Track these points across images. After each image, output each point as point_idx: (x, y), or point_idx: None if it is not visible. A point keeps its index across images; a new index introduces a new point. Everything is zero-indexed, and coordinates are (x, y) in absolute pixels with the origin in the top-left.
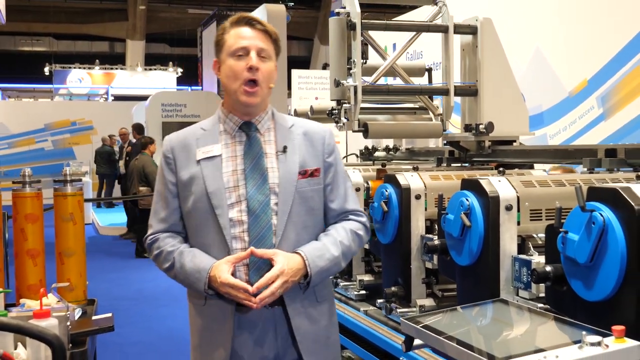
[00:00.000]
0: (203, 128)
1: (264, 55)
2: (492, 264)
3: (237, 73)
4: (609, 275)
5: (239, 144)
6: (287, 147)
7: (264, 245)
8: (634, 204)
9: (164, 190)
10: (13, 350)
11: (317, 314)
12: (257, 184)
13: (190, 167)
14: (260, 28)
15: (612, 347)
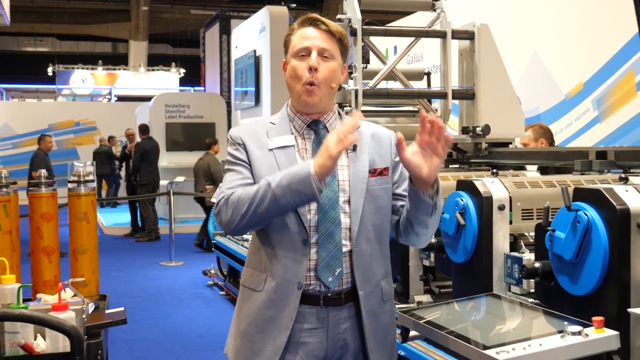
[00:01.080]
0: (272, 122)
1: (326, 55)
2: (485, 261)
3: (299, 74)
4: (592, 271)
5: (308, 141)
6: (356, 146)
7: (333, 241)
8: (615, 204)
9: (236, 166)
10: (33, 341)
11: (381, 312)
12: (326, 179)
13: (263, 154)
14: (324, 28)
15: (591, 336)
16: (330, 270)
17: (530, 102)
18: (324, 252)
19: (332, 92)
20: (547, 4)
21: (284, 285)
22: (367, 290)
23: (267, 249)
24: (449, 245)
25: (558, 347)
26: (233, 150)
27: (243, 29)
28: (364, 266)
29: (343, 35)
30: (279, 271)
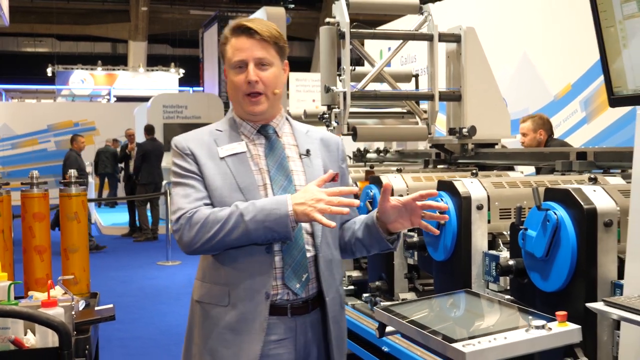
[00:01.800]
0: (219, 129)
1: (263, 64)
2: (464, 259)
3: (238, 86)
4: (561, 268)
5: (259, 146)
6: (310, 151)
7: (297, 247)
8: (583, 204)
9: (188, 180)
10: (23, 336)
11: (340, 319)
12: (283, 185)
13: (214, 164)
14: (258, 38)
15: (555, 330)
16: (297, 277)
17: (519, 103)
18: (289, 259)
19: (277, 97)
20: (536, 7)
21: (252, 297)
22: (331, 296)
23: (227, 261)
24: (430, 244)
25: (522, 340)
26: (181, 161)
27: None
28: (328, 271)
29: (278, 38)
30: (245, 283)
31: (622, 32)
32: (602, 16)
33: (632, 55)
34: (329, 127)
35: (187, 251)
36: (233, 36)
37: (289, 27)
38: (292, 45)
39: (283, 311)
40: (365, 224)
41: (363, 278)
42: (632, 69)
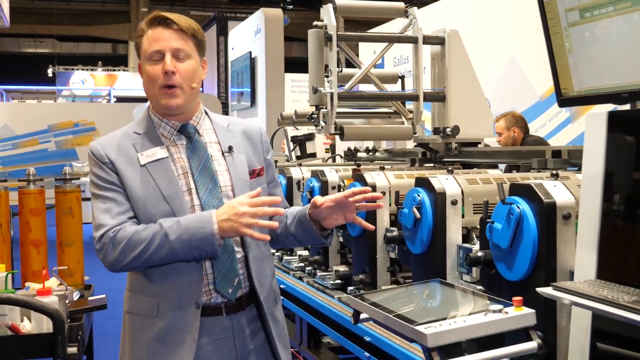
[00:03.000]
0: (137, 132)
1: (181, 56)
2: (440, 252)
3: (154, 78)
4: (524, 258)
5: (180, 147)
6: (232, 147)
7: (226, 251)
8: (544, 198)
9: (108, 193)
10: (19, 323)
11: (276, 312)
12: (208, 188)
13: (135, 172)
14: (175, 28)
15: (511, 313)
16: (229, 282)
17: (507, 103)
18: (219, 265)
19: (195, 92)
20: (523, 10)
21: (182, 307)
22: (265, 295)
23: (156, 272)
24: (408, 238)
25: (480, 323)
26: (99, 171)
27: (239, 30)
28: (259, 270)
29: (196, 31)
30: (174, 293)
31: (567, 39)
32: (550, 23)
33: (577, 60)
34: (317, 126)
35: (112, 269)
36: (149, 28)
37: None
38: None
39: (218, 311)
40: (298, 219)
41: (349, 272)
42: (576, 72)
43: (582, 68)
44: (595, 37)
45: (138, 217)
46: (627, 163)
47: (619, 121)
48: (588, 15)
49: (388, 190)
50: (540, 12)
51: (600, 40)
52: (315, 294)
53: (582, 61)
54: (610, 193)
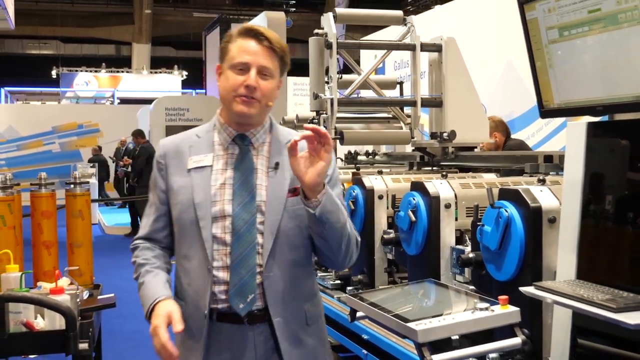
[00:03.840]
0: (198, 135)
1: (265, 74)
2: (434, 253)
3: (234, 86)
4: (512, 259)
5: (230, 157)
6: (279, 164)
7: (247, 266)
8: (530, 202)
9: (153, 196)
10: (33, 320)
11: (305, 336)
12: (243, 201)
13: (181, 175)
14: (266, 45)
15: (496, 311)
16: (242, 297)
17: (504, 108)
18: (235, 278)
19: (267, 109)
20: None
21: (197, 314)
22: (286, 316)
23: (182, 276)
24: (404, 240)
25: (467, 320)
26: (156, 169)
27: None
28: (281, 291)
29: (285, 52)
30: (190, 299)
31: (547, 54)
32: (532, 39)
33: (556, 75)
34: None
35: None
36: (240, 37)
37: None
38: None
39: (240, 320)
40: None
41: (348, 273)
42: (556, 86)
43: (561, 82)
44: (572, 54)
45: (174, 218)
46: (605, 170)
47: (597, 131)
48: (566, 34)
49: (386, 193)
50: (523, 29)
51: (577, 57)
52: None
53: (561, 76)
54: (589, 198)
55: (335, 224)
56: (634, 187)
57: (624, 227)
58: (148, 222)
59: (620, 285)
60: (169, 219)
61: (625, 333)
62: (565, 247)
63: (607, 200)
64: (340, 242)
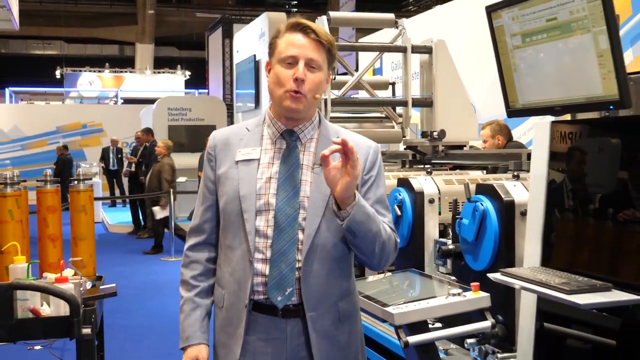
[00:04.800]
0: (248, 128)
1: (313, 66)
2: (418, 245)
3: (283, 81)
4: (487, 250)
5: (277, 151)
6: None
7: (286, 260)
8: (504, 197)
9: (203, 185)
10: (40, 307)
11: (336, 332)
12: (287, 196)
13: (229, 166)
14: (313, 37)
15: (468, 297)
16: (280, 290)
17: (498, 108)
18: (275, 271)
19: (315, 102)
20: None
21: (238, 302)
22: (320, 312)
23: (224, 264)
24: None
25: (440, 304)
26: (207, 160)
27: (244, 34)
28: (316, 287)
29: (332, 45)
30: (233, 288)
31: (512, 59)
32: (499, 45)
33: (520, 78)
34: None
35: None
36: (288, 31)
37: None
38: None
39: (275, 311)
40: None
41: None
42: (520, 88)
43: (524, 84)
44: (533, 58)
45: (220, 208)
46: (567, 165)
47: (560, 129)
48: (528, 40)
49: None
50: (491, 35)
51: (537, 61)
52: None
53: (524, 79)
54: (552, 191)
55: (366, 234)
56: (592, 180)
57: (583, 218)
58: (198, 212)
59: (579, 272)
60: (217, 209)
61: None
62: (531, 237)
63: (568, 194)
64: (373, 248)
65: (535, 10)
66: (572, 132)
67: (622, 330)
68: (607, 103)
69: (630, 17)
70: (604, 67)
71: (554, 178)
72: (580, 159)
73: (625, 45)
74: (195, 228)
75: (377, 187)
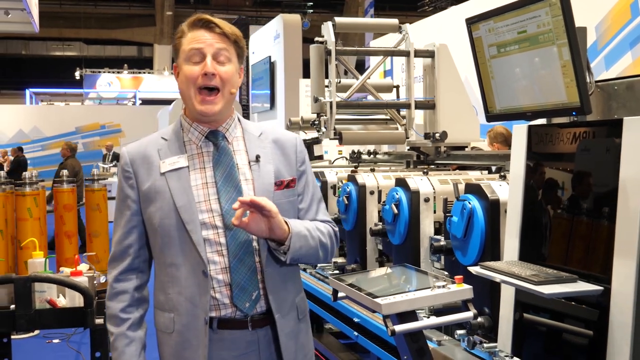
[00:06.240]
0: (164, 137)
1: (222, 60)
2: (414, 243)
3: (192, 79)
4: (474, 246)
5: (206, 155)
6: (259, 156)
7: (245, 264)
8: (489, 195)
9: (122, 206)
10: (56, 298)
11: (298, 331)
12: (231, 197)
13: (154, 180)
14: (218, 31)
15: (452, 289)
16: (246, 295)
17: None
18: (237, 277)
19: (231, 99)
20: None
21: (194, 322)
22: (283, 312)
23: (170, 285)
24: (389, 231)
25: (425, 296)
26: (123, 178)
27: (259, 35)
28: (278, 287)
29: (238, 37)
30: (186, 308)
31: (490, 67)
32: (478, 54)
33: (497, 85)
34: (319, 131)
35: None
36: (191, 29)
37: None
38: None
39: (243, 324)
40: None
41: (344, 263)
42: (497, 95)
43: (500, 91)
44: (507, 67)
45: (152, 228)
46: (542, 166)
47: (536, 133)
48: (502, 50)
49: (377, 189)
50: (470, 45)
51: (510, 70)
52: (317, 284)
53: (500, 86)
54: (529, 190)
55: (308, 251)
56: (563, 180)
57: (555, 215)
58: (118, 236)
59: (552, 265)
60: (144, 230)
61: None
62: (510, 232)
63: (542, 192)
64: (318, 256)
65: (508, 23)
66: (546, 135)
67: (592, 320)
68: (570, 109)
69: (629, 21)
70: (567, 77)
71: (530, 178)
72: (553, 160)
73: (624, 48)
74: (118, 255)
75: (311, 181)
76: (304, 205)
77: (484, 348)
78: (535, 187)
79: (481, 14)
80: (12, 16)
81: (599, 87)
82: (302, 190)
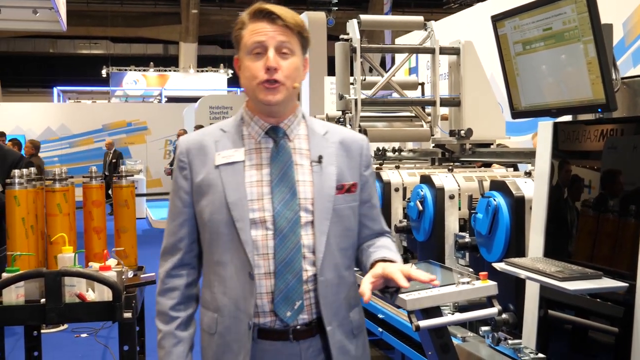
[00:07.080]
0: (223, 129)
1: (285, 52)
2: (439, 239)
3: (255, 74)
4: (499, 242)
5: (265, 151)
6: (322, 157)
7: (292, 270)
8: (514, 192)
9: (175, 198)
10: (85, 292)
11: (351, 347)
12: (285, 198)
13: (207, 173)
14: (280, 23)
15: (477, 285)
16: (289, 304)
17: None
18: (281, 283)
19: (294, 92)
20: None
21: (237, 327)
22: (336, 324)
23: (216, 284)
24: (414, 228)
25: (450, 292)
26: (178, 169)
27: None
28: (331, 297)
29: (302, 27)
30: (230, 310)
31: (515, 65)
32: (503, 52)
33: (523, 82)
34: None
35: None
36: (252, 21)
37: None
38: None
39: (284, 336)
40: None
41: None
42: (523, 92)
43: (525, 88)
44: (532, 64)
45: (202, 222)
46: (568, 163)
47: (562, 130)
48: (528, 48)
49: (402, 186)
50: (496, 42)
51: (535, 67)
52: None
53: (525, 83)
54: (554, 187)
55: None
56: (590, 177)
57: (581, 211)
58: (171, 229)
59: (577, 262)
60: (195, 224)
61: (586, 304)
62: (535, 229)
63: (568, 189)
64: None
65: (534, 20)
66: (572, 132)
67: (617, 317)
68: (596, 106)
69: None
70: (593, 73)
71: (556, 175)
72: (579, 157)
73: None
74: (170, 248)
75: (372, 189)
76: (372, 214)
77: (509, 344)
78: (561, 184)
79: (507, 11)
80: (40, 15)
81: (625, 83)
82: (368, 198)
